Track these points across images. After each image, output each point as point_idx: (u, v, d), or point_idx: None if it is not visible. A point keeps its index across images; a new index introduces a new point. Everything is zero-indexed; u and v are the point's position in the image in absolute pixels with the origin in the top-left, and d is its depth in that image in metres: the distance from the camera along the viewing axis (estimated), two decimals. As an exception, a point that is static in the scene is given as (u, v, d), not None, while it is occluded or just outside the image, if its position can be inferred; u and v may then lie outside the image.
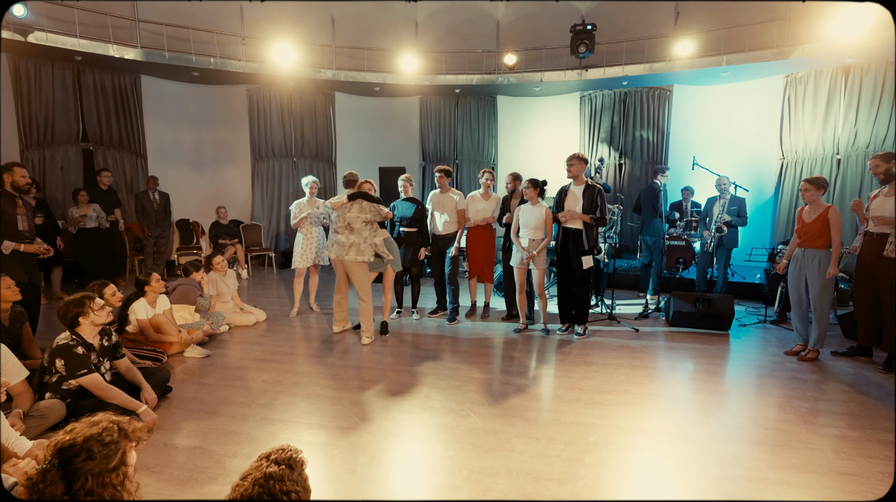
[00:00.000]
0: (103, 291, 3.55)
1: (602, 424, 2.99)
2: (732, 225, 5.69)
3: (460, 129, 9.24)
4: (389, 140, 9.38)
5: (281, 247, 9.03)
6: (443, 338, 4.73)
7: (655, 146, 8.43)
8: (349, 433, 2.87)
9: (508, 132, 9.27)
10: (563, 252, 4.66)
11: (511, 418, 3.06)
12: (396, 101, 9.30)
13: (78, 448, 1.35)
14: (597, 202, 4.44)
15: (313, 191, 5.49)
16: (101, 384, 2.85)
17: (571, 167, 4.51)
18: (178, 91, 8.19)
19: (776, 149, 7.67)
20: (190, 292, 4.78)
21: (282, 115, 8.77)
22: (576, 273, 4.58)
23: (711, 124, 8.15)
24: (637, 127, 8.50)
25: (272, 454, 1.40)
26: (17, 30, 6.03)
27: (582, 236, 4.50)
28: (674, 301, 5.08)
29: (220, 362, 4.08)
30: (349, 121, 9.18)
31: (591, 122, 8.74)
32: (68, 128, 7.15)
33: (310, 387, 3.54)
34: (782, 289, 5.44)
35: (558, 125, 8.98)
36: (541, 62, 8.35)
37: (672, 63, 7.50)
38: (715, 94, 8.10)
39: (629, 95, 8.49)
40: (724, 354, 4.34)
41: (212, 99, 8.49)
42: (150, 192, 6.95)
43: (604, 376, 3.77)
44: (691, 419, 3.08)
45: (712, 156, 7.58)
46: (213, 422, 2.99)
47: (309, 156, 9.06)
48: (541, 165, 8.74)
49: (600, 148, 8.70)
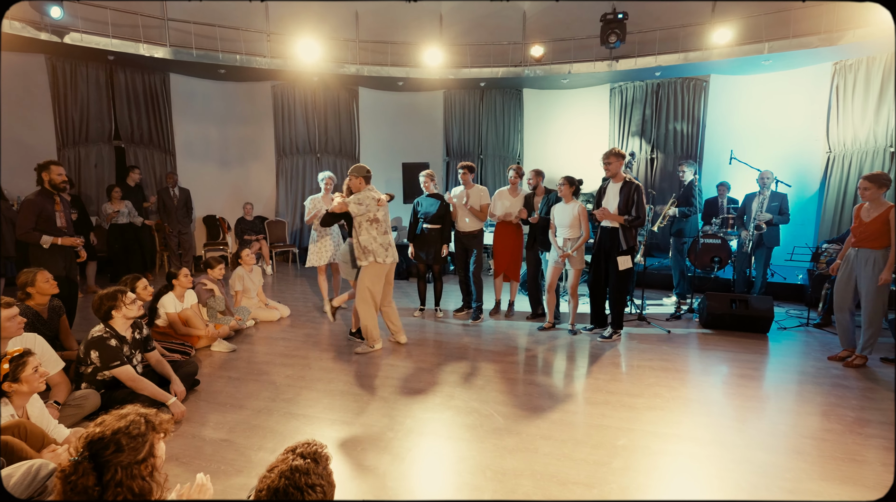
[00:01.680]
0: (136, 285, 3.70)
1: (631, 428, 2.95)
2: (773, 223, 5.49)
3: (485, 124, 9.21)
4: (413, 135, 9.43)
5: (304, 244, 9.19)
6: (466, 336, 4.75)
7: (690, 139, 8.22)
8: (372, 430, 2.92)
9: (535, 127, 9.19)
10: (598, 251, 4.60)
11: (535, 419, 3.06)
12: (420, 96, 9.34)
13: (107, 440, 1.42)
14: (632, 199, 4.32)
15: (329, 187, 5.44)
16: (133, 376, 2.98)
17: (609, 165, 4.40)
18: (205, 88, 8.43)
19: (822, 142, 7.37)
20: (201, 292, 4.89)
21: (305, 111, 8.92)
22: (612, 274, 4.49)
23: (751, 116, 7.89)
24: (670, 120, 8.30)
25: (298, 448, 1.44)
26: (55, 31, 6.32)
27: (619, 235, 4.41)
28: (708, 302, 4.96)
29: (245, 357, 4.20)
30: (372, 116, 9.26)
31: (621, 116, 8.58)
32: (101, 126, 7.46)
33: (333, 384, 3.61)
34: (827, 291, 5.24)
35: (587, 119, 8.85)
36: (569, 53, 8.23)
37: (709, 52, 7.28)
38: (755, 83, 7.84)
39: (662, 87, 8.30)
40: (762, 358, 4.22)
41: (237, 96, 8.71)
42: (171, 188, 7.18)
43: (633, 379, 3.72)
44: (726, 425, 3.01)
45: (751, 150, 7.34)
46: (239, 416, 3.09)
47: (332, 153, 9.19)
48: (568, 161, 8.64)
49: (631, 142, 8.54)
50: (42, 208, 4.03)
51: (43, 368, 2.35)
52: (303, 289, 6.86)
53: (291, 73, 8.13)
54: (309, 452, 1.42)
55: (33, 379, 2.26)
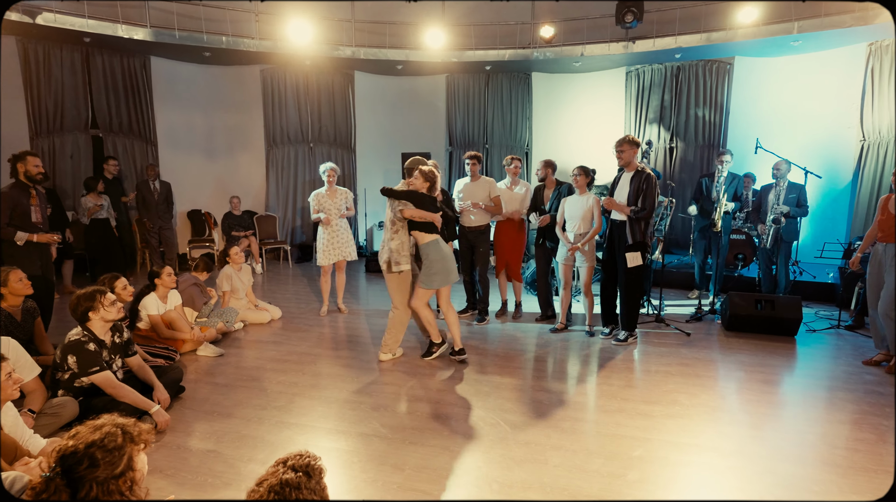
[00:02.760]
0: (114, 285, 3.71)
1: (647, 438, 2.95)
2: (791, 215, 5.48)
3: (491, 111, 9.19)
4: (413, 123, 9.41)
5: (297, 240, 9.22)
6: (471, 339, 4.75)
7: (713, 127, 8.19)
8: (370, 440, 2.93)
9: (544, 113, 9.16)
10: (608, 246, 4.61)
11: (545, 428, 3.06)
12: (421, 81, 9.32)
13: (80, 455, 1.41)
14: (641, 189, 4.31)
15: (332, 179, 5.42)
16: (114, 382, 2.99)
17: (622, 153, 4.41)
18: (189, 73, 8.44)
19: (855, 129, 7.33)
20: (196, 297, 4.91)
21: (297, 97, 8.92)
22: (619, 271, 4.49)
23: (779, 101, 7.85)
24: (691, 105, 8.26)
25: (289, 459, 1.44)
26: (26, 11, 6.32)
27: (626, 229, 4.42)
28: (731, 302, 4.95)
29: (234, 362, 4.21)
30: (369, 102, 9.25)
31: (638, 101, 8.55)
32: (77, 114, 7.48)
33: (328, 390, 3.62)
34: (860, 290, 5.22)
35: (601, 105, 8.81)
36: (581, 34, 8.19)
37: (733, 32, 7.24)
38: (783, 66, 7.79)
39: (683, 70, 8.26)
40: (790, 363, 4.21)
41: (224, 81, 8.71)
42: (150, 181, 7.18)
43: (650, 385, 3.72)
44: (749, 435, 3.01)
45: (778, 139, 7.30)
46: (228, 425, 3.11)
47: (326, 142, 9.19)
48: (580, 151, 8.61)
49: (648, 130, 8.51)
50: (17, 202, 4.05)
51: (17, 374, 2.36)
52: (295, 288, 6.87)
53: (282, 55, 8.11)
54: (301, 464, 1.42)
55: (6, 386, 2.27)
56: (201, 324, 4.55)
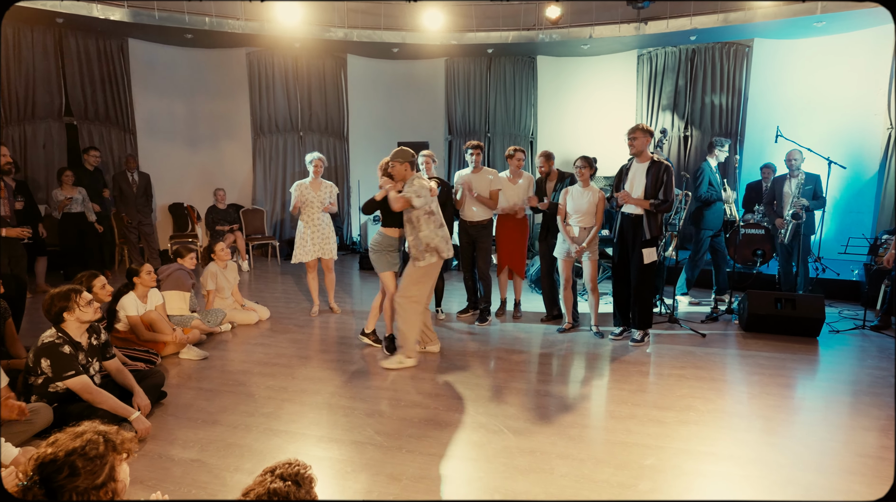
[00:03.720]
0: (92, 283, 3.71)
1: (660, 445, 2.96)
2: (809, 208, 5.48)
3: (493, 97, 9.18)
4: (410, 110, 9.39)
5: (286, 236, 9.20)
6: (471, 341, 4.76)
7: (730, 114, 8.18)
8: (364, 448, 2.93)
9: (550, 100, 9.15)
10: (620, 242, 4.61)
11: (551, 435, 3.07)
12: (418, 65, 9.30)
13: (60, 463, 1.41)
14: (661, 181, 4.33)
15: (318, 170, 5.40)
16: (91, 387, 2.99)
17: (634, 141, 4.42)
18: (170, 56, 8.40)
19: (883, 116, 7.31)
20: (183, 278, 4.92)
21: (286, 83, 8.90)
22: (634, 268, 4.50)
23: (800, 86, 7.84)
24: (707, 91, 8.25)
25: (278, 469, 1.44)
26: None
27: (643, 223, 4.42)
28: (749, 301, 4.96)
29: (219, 365, 4.21)
30: (363, 88, 9.23)
31: (650, 87, 8.54)
32: (50, 100, 7.45)
33: (320, 396, 3.62)
34: (886, 288, 5.23)
35: (611, 91, 8.80)
36: (590, 14, 8.17)
37: (752, 13, 7.22)
38: (806, 49, 7.77)
39: (698, 53, 8.24)
40: (811, 366, 4.22)
41: (207, 65, 8.68)
42: (129, 173, 7.16)
43: (663, 389, 3.73)
44: (768, 442, 3.02)
45: (800, 126, 7.29)
46: (212, 432, 3.11)
47: (317, 130, 9.17)
48: (589, 140, 8.61)
49: (662, 117, 8.50)
50: (-17, 195, 4.04)
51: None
52: (285, 287, 6.87)
53: (270, 38, 8.08)
54: (290, 474, 1.43)
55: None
56: (182, 325, 4.56)
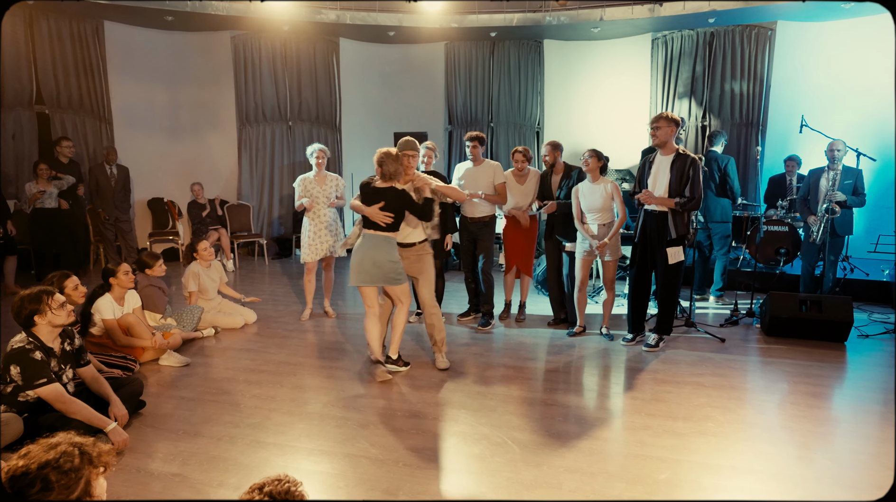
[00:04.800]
0: (64, 284, 3.70)
1: (676, 459, 2.96)
2: (847, 205, 5.45)
3: (496, 84, 9.17)
4: (407, 98, 9.39)
5: (274, 234, 9.21)
6: (473, 346, 4.76)
7: (751, 102, 8.17)
8: (358, 462, 2.93)
9: (558, 87, 9.14)
10: (641, 241, 4.60)
11: (559, 448, 3.07)
12: (416, 50, 9.29)
13: (32, 476, 1.40)
14: (688, 176, 4.30)
15: (321, 162, 5.41)
16: (64, 396, 2.99)
17: (657, 131, 4.39)
18: (149, 40, 8.39)
19: (915, 105, 7.31)
20: (156, 298, 4.91)
21: (274, 69, 8.89)
22: (659, 269, 4.49)
23: (827, 73, 7.83)
24: (727, 78, 8.24)
25: (266, 485, 1.44)
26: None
27: (668, 221, 4.41)
28: (772, 303, 4.96)
29: (202, 372, 4.21)
30: (357, 74, 9.22)
31: (665, 73, 8.53)
32: (20, 87, 7.44)
33: (310, 405, 3.62)
34: (919, 290, 5.22)
35: (623, 77, 8.78)
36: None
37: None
38: (833, 32, 7.76)
39: (717, 37, 8.23)
40: (839, 373, 4.22)
41: (189, 49, 8.67)
42: (108, 166, 7.16)
43: (679, 398, 3.72)
44: (792, 455, 3.02)
45: (827, 116, 7.28)
46: (195, 445, 3.10)
47: (307, 120, 9.17)
48: (599, 130, 8.60)
49: (678, 105, 8.49)
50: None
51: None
52: (272, 288, 6.87)
53: (256, 20, 8.08)
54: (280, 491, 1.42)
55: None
56: (162, 329, 4.55)
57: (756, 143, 7.92)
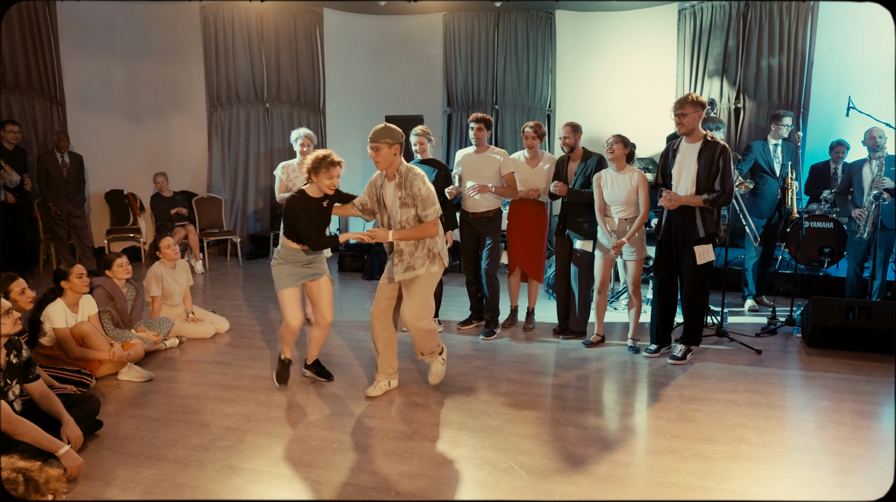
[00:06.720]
0: (9, 288, 3.70)
1: (705, 486, 2.96)
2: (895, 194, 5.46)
3: (502, 61, 9.16)
4: (400, 77, 9.38)
5: (249, 230, 9.19)
6: (476, 358, 4.76)
7: (791, 81, 8.16)
8: (344, 490, 2.93)
9: (571, 65, 9.14)
10: (665, 239, 4.61)
11: (573, 474, 3.06)
12: (410, 21, 9.28)
13: None
14: (717, 167, 4.30)
15: (307, 149, 5.42)
16: (10, 416, 2.97)
17: (684, 118, 4.35)
18: (107, 11, 8.36)
19: (976, 85, 7.32)
20: (100, 298, 4.85)
21: (248, 43, 8.87)
22: (686, 271, 4.50)
23: (876, 50, 7.83)
24: (764, 54, 8.24)
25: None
26: None
27: (695, 218, 4.42)
28: (815, 310, 4.96)
29: (166, 388, 4.20)
30: (343, 50, 9.21)
31: (694, 49, 8.53)
32: (-40, 64, 7.42)
33: (290, 426, 3.62)
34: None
35: (645, 53, 8.78)
36: (620, -40, 8.17)
37: (818, -42, 7.22)
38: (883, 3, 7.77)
39: (752, 7, 8.23)
40: (889, 389, 4.21)
41: (152, 21, 8.64)
42: (59, 154, 7.14)
43: (709, 417, 3.73)
44: (838, 482, 3.02)
45: (876, 97, 7.29)
46: (159, 470, 3.10)
47: (287, 101, 9.15)
48: (619, 113, 8.59)
49: (708, 85, 8.48)
50: None
51: None
52: (247, 293, 6.86)
53: (228, -12, 8.06)
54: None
55: None
56: (122, 339, 4.54)
57: (797, 128, 7.92)
